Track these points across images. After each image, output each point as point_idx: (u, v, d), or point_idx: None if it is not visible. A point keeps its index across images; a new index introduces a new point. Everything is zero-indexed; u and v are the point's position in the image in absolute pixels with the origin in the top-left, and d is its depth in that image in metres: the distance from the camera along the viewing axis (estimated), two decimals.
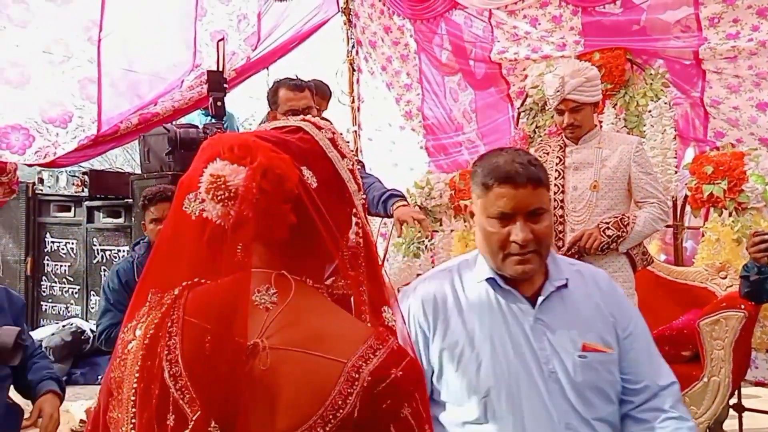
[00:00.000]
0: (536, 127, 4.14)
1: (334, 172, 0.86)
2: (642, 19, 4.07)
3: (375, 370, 0.75)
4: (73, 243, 4.08)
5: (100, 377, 3.44)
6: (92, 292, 3.99)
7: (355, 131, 5.51)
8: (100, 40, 4.43)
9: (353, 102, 5.53)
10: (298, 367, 0.76)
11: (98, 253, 3.96)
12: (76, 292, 4.08)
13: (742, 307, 2.71)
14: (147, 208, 2.65)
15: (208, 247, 0.84)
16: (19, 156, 3.98)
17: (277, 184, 0.77)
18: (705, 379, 2.86)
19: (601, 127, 2.86)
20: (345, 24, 5.59)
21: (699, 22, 3.83)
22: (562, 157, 2.73)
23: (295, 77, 2.82)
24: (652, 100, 3.73)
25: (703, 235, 3.51)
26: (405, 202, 2.55)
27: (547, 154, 2.79)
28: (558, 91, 2.61)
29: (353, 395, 0.74)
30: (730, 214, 3.40)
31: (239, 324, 0.76)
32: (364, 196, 0.92)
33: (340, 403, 0.74)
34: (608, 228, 2.57)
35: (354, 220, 0.89)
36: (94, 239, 3.97)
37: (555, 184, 2.68)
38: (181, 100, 4.62)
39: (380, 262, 0.89)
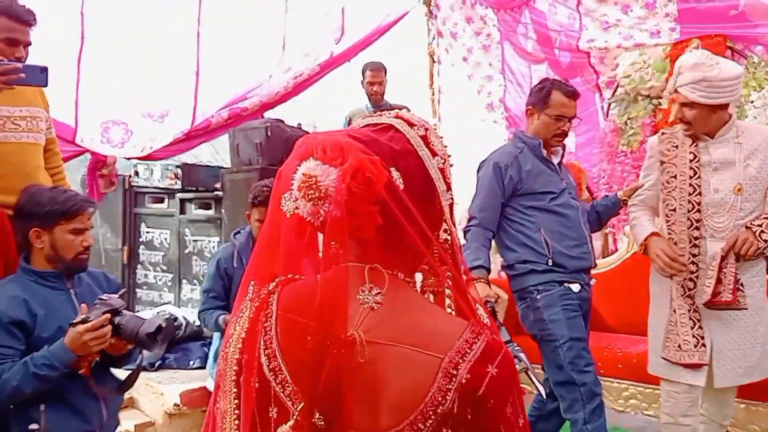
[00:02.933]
0: (628, 118, 3.97)
1: (423, 172, 0.85)
2: (741, 4, 3.82)
3: (472, 367, 0.75)
4: (166, 233, 4.27)
5: (191, 362, 3.59)
6: (184, 281, 4.16)
7: (435, 124, 5.48)
8: (198, 35, 4.61)
9: (433, 94, 5.50)
10: (396, 361, 0.77)
11: (190, 244, 4.12)
12: (169, 281, 4.27)
13: None
14: (254, 207, 2.72)
15: (302, 243, 0.86)
16: (119, 149, 4.21)
17: (365, 187, 0.77)
18: None
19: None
20: (426, 15, 5.56)
21: None
22: (696, 153, 2.44)
23: (565, 81, 2.91)
24: (755, 90, 3.50)
25: None
26: (483, 279, 2.51)
27: (676, 147, 2.49)
28: (674, 78, 2.39)
29: (452, 391, 0.75)
30: None
31: (339, 318, 0.77)
32: (452, 196, 0.91)
33: (439, 399, 0.75)
34: (763, 231, 2.33)
35: (441, 221, 0.88)
36: (186, 230, 4.14)
37: (690, 185, 2.43)
38: (269, 94, 4.75)
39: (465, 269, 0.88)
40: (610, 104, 4.28)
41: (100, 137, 4.07)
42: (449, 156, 0.89)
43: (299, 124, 4.00)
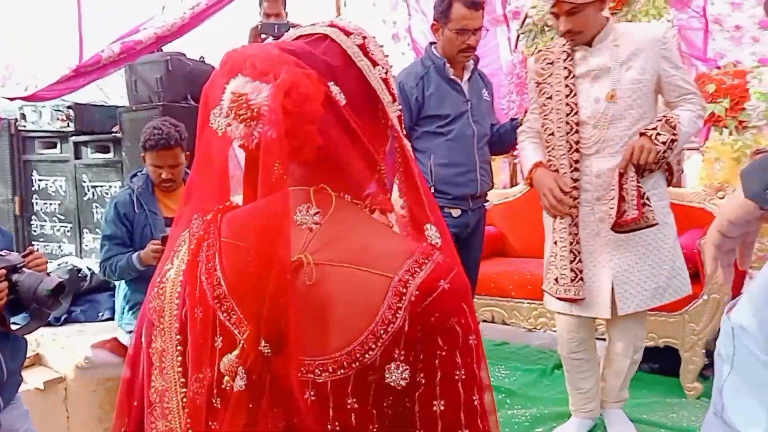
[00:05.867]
0: (536, 50, 4.02)
1: (364, 83, 0.80)
2: None
3: (422, 283, 0.73)
4: (61, 180, 3.97)
5: (100, 314, 3.42)
6: (85, 230, 3.92)
7: None
8: None
9: None
10: (345, 282, 0.74)
11: (88, 190, 3.86)
12: (68, 231, 4.00)
13: None
14: (146, 151, 2.57)
15: (238, 167, 0.81)
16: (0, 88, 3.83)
17: (301, 104, 0.71)
18: (705, 297, 2.92)
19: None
20: None
21: None
22: (571, 68, 2.26)
23: None
24: (655, 18, 3.63)
25: (703, 155, 3.50)
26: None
27: (551, 64, 2.33)
28: None
29: (402, 309, 0.72)
30: (730, 133, 3.39)
31: (282, 241, 0.72)
32: (400, 107, 0.86)
33: (390, 317, 0.72)
34: (659, 134, 2.12)
35: (390, 134, 0.84)
36: (84, 176, 3.86)
37: (567, 104, 2.24)
38: (164, 26, 4.44)
39: (418, 177, 0.84)
40: (518, 35, 4.33)
41: None
42: (391, 66, 0.85)
43: (202, 57, 3.78)
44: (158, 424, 0.83)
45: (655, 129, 2.14)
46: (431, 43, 2.78)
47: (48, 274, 1.88)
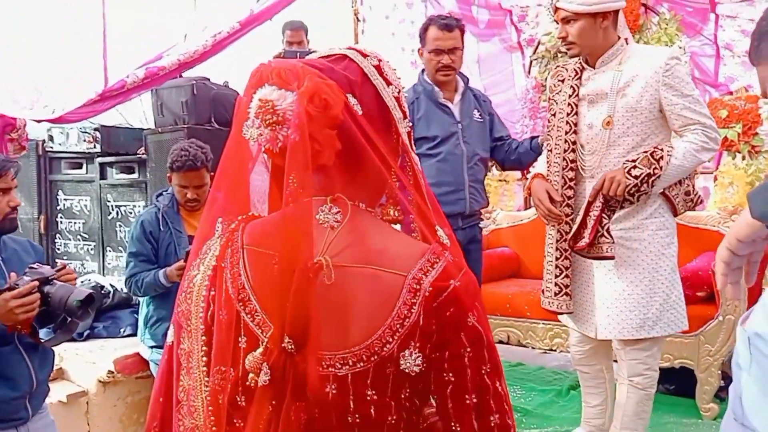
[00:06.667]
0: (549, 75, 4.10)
1: (379, 100, 0.86)
2: None
3: (435, 281, 0.79)
4: (86, 200, 4.08)
5: (122, 330, 3.49)
6: (108, 248, 4.01)
7: None
8: None
9: None
10: (363, 282, 0.79)
11: (113, 210, 3.96)
12: (91, 249, 4.10)
13: None
14: (173, 172, 2.66)
15: (265, 177, 0.87)
16: (27, 111, 3.96)
17: (323, 109, 0.78)
18: (720, 318, 2.92)
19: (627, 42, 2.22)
20: None
21: None
22: (576, 87, 2.24)
23: (448, 15, 2.88)
24: (667, 45, 3.69)
25: (716, 179, 3.52)
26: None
27: (562, 81, 2.31)
28: None
29: (417, 305, 0.78)
30: (743, 158, 3.41)
31: (306, 245, 0.78)
32: (410, 125, 0.92)
33: (405, 312, 0.78)
34: (635, 167, 2.09)
35: (401, 148, 0.90)
36: (108, 195, 3.97)
37: (567, 122, 2.23)
38: (186, 53, 4.58)
39: (425, 190, 0.90)
40: (531, 62, 4.41)
41: (6, 99, 3.83)
42: (403, 87, 0.91)
43: (226, 82, 3.89)
44: (185, 421, 0.88)
45: (633, 162, 2.11)
46: (422, 71, 2.85)
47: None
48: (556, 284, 2.31)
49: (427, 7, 5.16)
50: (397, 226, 0.91)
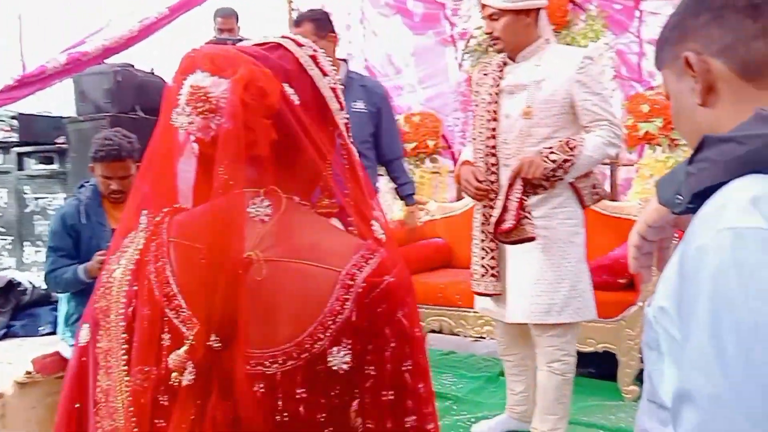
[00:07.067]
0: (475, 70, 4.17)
1: (315, 90, 0.85)
2: None
3: (369, 276, 0.77)
4: (2, 192, 3.87)
5: (41, 329, 3.33)
6: (26, 243, 3.82)
7: None
8: None
9: None
10: (294, 277, 0.77)
11: (30, 202, 3.77)
12: (8, 244, 3.89)
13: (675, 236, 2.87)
14: (96, 161, 2.55)
15: (195, 168, 0.84)
16: None
17: (259, 98, 0.75)
18: (640, 303, 3.05)
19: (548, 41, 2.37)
20: None
21: None
22: (497, 79, 2.35)
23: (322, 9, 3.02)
24: (593, 41, 3.82)
25: (638, 171, 3.68)
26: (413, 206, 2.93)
27: (486, 75, 2.42)
28: None
29: (350, 301, 0.76)
30: (663, 151, 3.57)
31: (236, 239, 0.76)
32: (347, 116, 0.91)
33: (338, 308, 0.76)
34: (552, 152, 2.21)
35: (337, 140, 0.88)
36: (26, 187, 3.77)
37: (488, 110, 2.34)
38: (112, 38, 4.39)
39: (363, 181, 0.89)
40: (464, 55, 4.46)
41: None
42: (339, 78, 0.90)
43: (152, 68, 3.75)
44: (104, 423, 0.84)
45: (550, 148, 2.22)
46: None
47: None
48: (482, 266, 2.39)
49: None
50: (335, 221, 0.89)
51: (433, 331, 3.66)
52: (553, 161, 2.20)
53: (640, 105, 3.58)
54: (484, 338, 3.62)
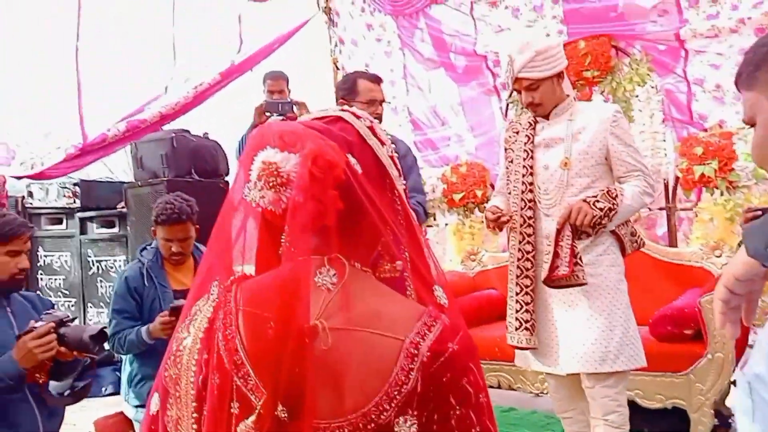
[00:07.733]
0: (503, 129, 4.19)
1: (375, 159, 0.87)
2: (619, 6, 4.15)
3: (433, 345, 0.77)
4: (66, 255, 4.02)
5: (104, 389, 3.41)
6: (89, 304, 3.94)
7: None
8: (77, 49, 4.40)
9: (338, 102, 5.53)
10: (358, 345, 0.78)
11: (93, 265, 3.91)
12: (72, 305, 4.02)
13: None
14: (158, 225, 2.64)
15: (264, 238, 0.86)
16: (5, 168, 3.94)
17: (326, 170, 0.78)
18: (709, 356, 2.91)
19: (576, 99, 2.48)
20: (326, 23, 5.59)
21: (678, 4, 3.91)
22: (531, 135, 2.45)
23: (366, 69, 2.95)
24: (639, 85, 3.79)
25: (696, 216, 3.57)
26: None
27: (517, 133, 2.51)
28: (507, 71, 2.36)
29: (415, 371, 0.76)
30: (721, 194, 3.47)
31: (302, 308, 0.77)
32: (405, 183, 0.93)
33: (403, 378, 0.76)
34: (597, 201, 2.26)
35: (398, 205, 0.89)
36: (89, 251, 3.92)
37: (524, 166, 2.43)
38: (168, 105, 4.60)
39: (424, 245, 0.90)
40: (508, 104, 4.49)
41: None
42: (394, 147, 0.92)
43: (206, 133, 3.90)
44: None
45: (595, 197, 2.28)
46: None
47: None
48: (516, 319, 2.39)
49: (405, 55, 5.27)
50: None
51: (491, 387, 3.56)
52: (600, 209, 2.25)
53: (694, 147, 3.51)
54: (545, 394, 3.50)
